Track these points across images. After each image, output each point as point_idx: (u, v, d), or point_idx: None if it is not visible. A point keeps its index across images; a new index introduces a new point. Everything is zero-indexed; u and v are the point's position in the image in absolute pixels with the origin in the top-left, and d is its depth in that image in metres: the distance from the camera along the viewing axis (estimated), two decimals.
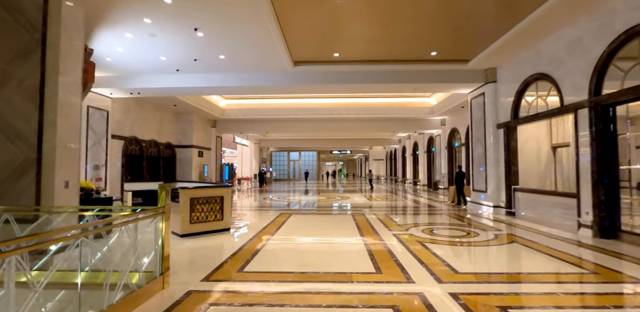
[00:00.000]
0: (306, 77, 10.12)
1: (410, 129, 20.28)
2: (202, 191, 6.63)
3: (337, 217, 9.12)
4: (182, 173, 16.86)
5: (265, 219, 8.62)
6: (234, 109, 18.80)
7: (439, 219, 8.86)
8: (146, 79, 10.49)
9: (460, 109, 15.95)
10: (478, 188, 10.56)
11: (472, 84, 10.35)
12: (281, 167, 41.70)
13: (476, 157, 10.72)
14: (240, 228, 7.38)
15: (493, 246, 5.66)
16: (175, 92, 11.40)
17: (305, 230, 7.18)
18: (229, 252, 5.32)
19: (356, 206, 11.70)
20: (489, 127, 9.98)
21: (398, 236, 6.31)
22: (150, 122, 14.64)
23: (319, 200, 14.20)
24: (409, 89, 10.85)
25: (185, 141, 16.96)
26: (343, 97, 18.29)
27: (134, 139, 13.49)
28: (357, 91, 11.55)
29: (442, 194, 17.06)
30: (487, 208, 9.88)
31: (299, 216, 9.18)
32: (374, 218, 8.67)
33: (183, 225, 6.33)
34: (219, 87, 10.52)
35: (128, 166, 13.37)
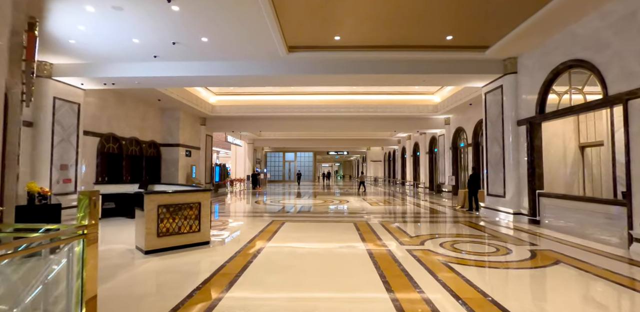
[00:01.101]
0: (302, 65, 8.94)
1: (412, 128, 19.18)
2: (174, 196, 5.40)
3: (337, 225, 7.93)
4: (167, 174, 15.58)
5: (254, 228, 7.40)
6: (224, 106, 17.57)
7: (455, 228, 7.70)
8: (120, 68, 9.24)
9: (467, 106, 14.86)
10: (494, 192, 9.44)
11: (488, 76, 9.23)
12: (276, 168, 40.46)
13: (492, 157, 9.60)
14: (222, 241, 6.16)
15: (536, 268, 4.50)
16: (154, 83, 10.15)
17: (299, 243, 5.98)
18: (203, 275, 4.12)
19: (357, 212, 10.52)
20: (507, 124, 8.87)
21: (413, 253, 5.14)
22: (131, 118, 13.36)
23: (315, 204, 13.00)
24: (418, 81, 9.70)
25: (172, 139, 15.70)
26: (341, 93, 17.15)
27: (111, 136, 12.21)
28: (359, 83, 10.39)
29: (446, 198, 15.95)
30: (505, 215, 8.75)
31: (293, 224, 7.98)
32: (380, 227, 7.50)
33: (148, 239, 5.11)
34: (202, 77, 9.29)
35: (104, 166, 12.09)
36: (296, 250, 5.45)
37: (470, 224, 8.13)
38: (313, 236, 6.58)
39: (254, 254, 5.11)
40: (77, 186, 10.25)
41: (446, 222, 8.72)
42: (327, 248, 5.55)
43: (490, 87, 9.62)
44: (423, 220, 9.04)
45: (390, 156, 33.71)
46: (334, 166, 67.81)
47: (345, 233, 6.86)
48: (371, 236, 6.52)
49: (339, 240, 6.19)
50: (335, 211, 10.89)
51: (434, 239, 6.27)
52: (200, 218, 5.64)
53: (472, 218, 9.17)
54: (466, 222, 8.53)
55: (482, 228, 7.58)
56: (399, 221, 8.72)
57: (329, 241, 6.16)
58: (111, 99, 12.18)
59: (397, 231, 7.08)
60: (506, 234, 6.83)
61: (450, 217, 9.39)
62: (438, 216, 9.83)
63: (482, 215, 9.69)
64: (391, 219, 9.05)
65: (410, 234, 6.68)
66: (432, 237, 6.46)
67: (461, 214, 9.92)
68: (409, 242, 5.92)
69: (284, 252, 5.29)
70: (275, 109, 17.35)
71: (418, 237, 6.44)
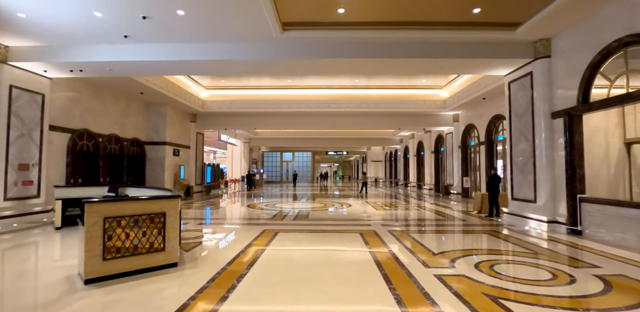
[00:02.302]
0: (299, 47, 7.63)
1: (417, 125, 17.90)
2: (128, 205, 4.09)
3: (340, 237, 6.63)
4: (152, 175, 14.26)
5: (239, 241, 6.09)
6: (216, 101, 16.26)
7: (482, 240, 6.41)
8: (87, 51, 7.92)
9: (479, 102, 13.61)
10: (521, 197, 8.16)
11: (515, 62, 7.95)
12: (273, 169, 39.11)
13: (518, 156, 8.32)
14: (195, 261, 4.85)
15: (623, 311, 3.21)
16: (128, 70, 8.81)
17: (295, 264, 4.68)
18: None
19: (361, 218, 9.22)
20: (539, 118, 7.59)
21: (446, 282, 3.84)
22: (110, 113, 12.03)
23: (314, 208, 11.70)
24: (432, 67, 8.41)
25: (157, 137, 14.37)
26: (342, 87, 15.86)
27: (86, 132, 10.88)
28: (365, 70, 9.04)
29: (454, 200, 14.69)
30: (537, 224, 7.47)
31: (288, 236, 6.67)
32: (392, 238, 6.20)
33: (90, 263, 3.79)
34: (182, 62, 7.97)
35: (77, 166, 10.76)
36: (288, 275, 4.15)
37: (497, 235, 6.84)
38: (311, 254, 5.28)
39: (233, 284, 3.81)
40: (40, 188, 8.92)
41: (468, 231, 7.43)
42: (331, 274, 4.26)
43: (517, 75, 8.34)
44: (440, 229, 7.75)
45: (391, 156, 32.45)
46: (333, 166, 66.53)
47: (352, 248, 5.56)
48: (384, 252, 5.22)
49: (345, 261, 4.89)
50: (337, 216, 9.59)
51: (464, 257, 4.98)
52: (166, 233, 4.33)
53: (496, 226, 7.89)
54: (491, 231, 7.24)
55: (516, 240, 6.29)
56: (412, 230, 7.42)
57: (332, 261, 4.86)
58: (86, 91, 10.85)
59: (415, 244, 5.78)
60: (550, 250, 5.54)
61: (470, 225, 8.11)
62: (455, 223, 8.54)
63: (506, 222, 8.40)
64: (403, 227, 7.75)
65: (432, 250, 5.38)
66: (461, 254, 5.17)
67: (481, 221, 8.63)
68: (436, 263, 4.62)
69: (275, 279, 3.99)
70: (271, 104, 16.05)
71: (443, 254, 5.14)
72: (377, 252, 5.22)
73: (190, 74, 9.67)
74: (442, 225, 8.31)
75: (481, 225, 8.14)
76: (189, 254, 5.15)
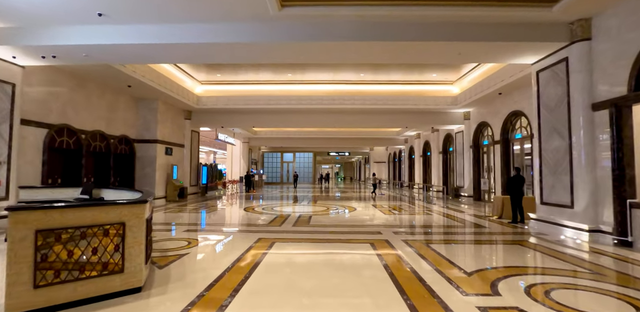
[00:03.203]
0: (299, 28, 6.62)
1: (426, 123, 16.87)
2: (71, 213, 3.08)
3: (348, 249, 5.62)
4: (142, 175, 13.27)
5: (227, 254, 5.09)
6: (212, 97, 15.28)
7: (518, 254, 5.38)
8: (58, 33, 6.94)
9: (494, 97, 12.61)
10: (554, 201, 7.13)
11: (547, 46, 6.93)
12: (274, 170, 38.11)
13: (549, 155, 7.30)
14: (167, 283, 3.83)
15: None
16: (107, 56, 7.80)
17: (293, 288, 3.68)
18: None
19: (370, 225, 8.21)
20: (576, 110, 6.58)
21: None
22: (95, 107, 11.06)
23: (316, 212, 10.69)
24: (451, 54, 7.41)
25: (148, 135, 13.38)
26: (346, 82, 14.88)
27: (66, 128, 9.89)
28: (374, 56, 7.90)
29: (466, 204, 13.69)
30: (574, 233, 6.45)
31: (286, 246, 5.67)
32: (409, 250, 5.19)
33: (14, 292, 2.79)
34: (165, 46, 6.96)
35: (56, 165, 9.78)
36: (284, 303, 3.15)
37: (531, 246, 5.82)
38: (314, 275, 4.27)
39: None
40: (9, 189, 7.95)
41: (496, 242, 6.41)
42: (339, 302, 3.25)
43: (547, 63, 7.34)
44: (462, 238, 6.74)
45: (395, 157, 31.46)
46: (335, 167, 65.56)
47: (363, 264, 4.55)
48: (405, 271, 4.21)
49: (355, 283, 3.88)
50: (341, 222, 8.57)
51: (506, 278, 3.96)
52: (125, 248, 3.33)
53: (524, 235, 6.87)
54: (522, 242, 6.22)
55: (556, 254, 5.27)
56: (430, 239, 6.41)
57: (340, 283, 3.85)
58: (67, 83, 9.87)
59: (439, 259, 4.76)
60: (606, 268, 4.52)
61: (495, 234, 7.09)
62: (477, 230, 7.52)
63: (534, 230, 7.38)
64: (419, 236, 6.74)
65: (464, 268, 4.36)
66: (501, 273, 4.15)
67: (505, 228, 7.61)
68: (474, 288, 3.61)
69: (267, 306, 2.99)
70: (270, 100, 15.06)
71: (479, 274, 4.12)
72: (395, 271, 4.20)
73: (177, 61, 8.69)
74: (463, 233, 7.29)
75: (507, 233, 7.11)
76: (163, 272, 4.14)
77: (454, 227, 7.93)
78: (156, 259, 4.75)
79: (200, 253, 5.18)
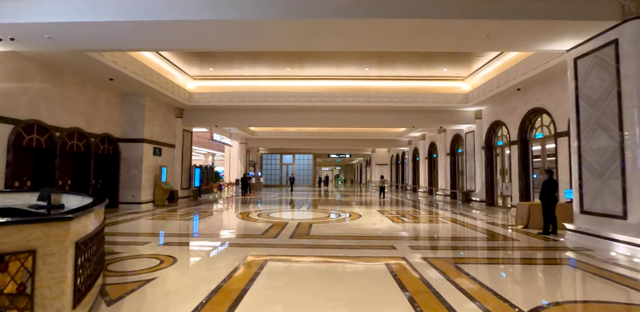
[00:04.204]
0: (296, 2, 5.56)
1: (434, 123, 15.80)
2: None
3: (358, 273, 4.52)
4: (127, 177, 12.17)
5: (206, 280, 3.98)
6: (205, 93, 14.22)
7: (574, 280, 4.28)
8: (13, 8, 5.86)
9: (512, 93, 11.56)
10: (599, 210, 6.04)
11: (591, 25, 5.86)
12: (272, 172, 37.00)
13: (592, 156, 6.21)
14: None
15: None
16: (73, 39, 6.66)
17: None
18: None
19: (380, 236, 7.09)
20: (629, 101, 5.50)
21: None
22: (72, 102, 9.97)
23: (316, 220, 9.58)
24: (477, 36, 6.33)
25: (134, 133, 12.29)
26: (349, 78, 13.84)
27: (36, 124, 8.79)
28: (386, 40, 6.88)
29: (478, 209, 12.62)
30: (627, 248, 5.34)
31: (281, 268, 4.57)
32: (441, 279, 4.09)
33: None
34: (140, 25, 5.89)
35: (24, 166, 8.69)
36: None
37: (584, 267, 4.71)
38: (317, 309, 3.16)
39: None
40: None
41: (537, 260, 5.30)
42: None
43: (589, 47, 6.27)
44: (495, 256, 5.63)
45: (398, 159, 30.38)
46: (335, 169, 64.47)
47: (381, 300, 3.45)
48: (439, 309, 3.11)
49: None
50: (346, 233, 7.47)
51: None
52: (36, 288, 2.23)
53: (566, 251, 5.77)
54: (569, 261, 5.12)
55: (624, 280, 4.16)
56: (457, 257, 5.30)
57: None
58: (38, 74, 8.78)
59: (480, 289, 3.65)
60: None
61: (532, 250, 5.97)
62: (506, 245, 6.41)
63: (573, 244, 6.27)
64: (442, 252, 5.64)
65: (517, 304, 3.25)
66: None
67: (539, 242, 6.49)
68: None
69: None
70: (268, 97, 13.99)
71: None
72: (427, 310, 3.10)
73: (157, 47, 7.62)
74: (492, 248, 6.18)
75: (544, 248, 6.01)
76: (111, 311, 3.04)
77: (478, 240, 6.82)
78: (110, 287, 3.65)
79: (171, 279, 4.07)
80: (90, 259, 3.03)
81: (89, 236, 2.81)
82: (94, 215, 3.59)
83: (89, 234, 2.83)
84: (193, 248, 5.92)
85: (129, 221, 9.07)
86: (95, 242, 3.08)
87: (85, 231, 2.74)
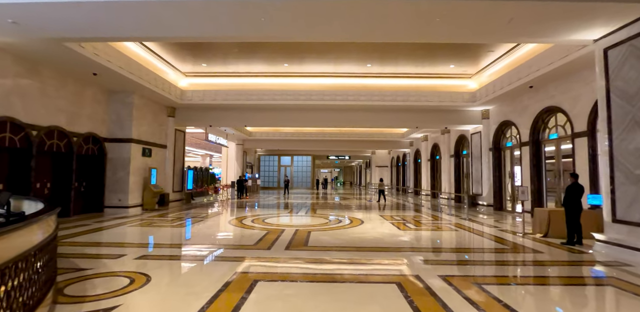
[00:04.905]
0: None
1: (439, 123, 15.06)
2: None
3: (365, 297, 3.79)
4: (114, 180, 11.39)
5: (180, 310, 3.24)
6: (198, 91, 13.49)
7: (628, 309, 3.57)
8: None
9: (524, 92, 10.89)
10: (635, 218, 5.32)
11: (628, 9, 5.16)
12: (270, 174, 36.22)
13: (628, 157, 5.49)
14: None
15: None
16: (42, 24, 5.92)
17: None
18: None
19: (387, 247, 6.35)
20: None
21: None
22: (51, 98, 9.22)
23: (315, 227, 8.85)
24: (500, 17, 5.61)
25: (121, 133, 11.54)
26: (350, 75, 13.13)
27: (9, 121, 8.03)
28: (391, 25, 6.25)
29: (485, 214, 11.93)
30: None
31: (272, 291, 3.83)
32: (464, 306, 3.36)
33: None
34: (110, 4, 5.16)
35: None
36: None
37: (634, 289, 3.99)
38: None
39: None
40: None
41: (572, 279, 4.57)
42: None
43: (625, 35, 5.57)
44: (526, 273, 4.90)
45: (399, 161, 29.66)
46: (334, 171, 63.72)
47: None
48: None
49: None
50: (349, 243, 6.72)
51: None
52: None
53: (601, 265, 5.04)
54: (611, 280, 4.39)
55: None
56: (477, 274, 4.56)
57: None
58: (12, 67, 8.03)
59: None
60: None
61: (562, 265, 5.25)
62: (534, 259, 5.68)
63: (605, 256, 5.54)
64: (462, 269, 4.91)
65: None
66: None
67: (567, 255, 5.77)
68: None
69: None
70: (264, 95, 13.27)
71: None
72: None
73: (134, 35, 6.83)
74: (517, 263, 5.45)
75: (575, 263, 5.29)
76: None
77: (498, 253, 6.08)
78: None
79: (136, 307, 3.32)
80: (24, 285, 2.31)
81: (21, 256, 2.07)
82: (36, 227, 2.87)
83: (22, 254, 2.10)
84: (173, 263, 5.16)
85: (111, 227, 8.30)
86: (34, 263, 2.35)
87: (17, 250, 2.00)
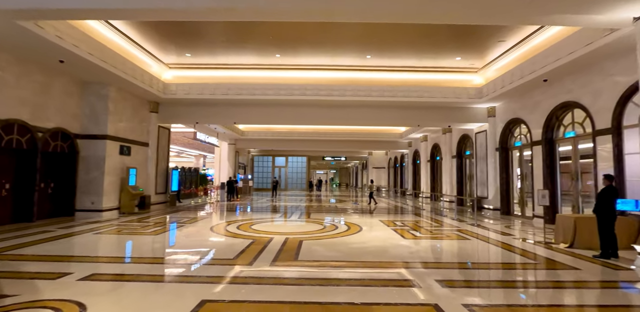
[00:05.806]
0: None
1: (441, 121, 14.12)
2: None
3: None
4: (87, 180, 10.30)
5: None
6: (182, 84, 12.44)
7: None
8: None
9: (537, 86, 9.99)
10: None
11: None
12: (264, 175, 35.10)
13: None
14: None
15: None
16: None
17: None
18: None
19: (391, 262, 5.37)
20: None
21: None
22: (10, 88, 8.13)
23: (308, 235, 7.83)
24: None
25: (96, 129, 10.45)
26: (348, 68, 12.17)
27: None
28: (401, 5, 5.33)
29: (493, 218, 11.04)
30: None
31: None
32: None
33: None
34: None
35: None
36: None
37: None
38: None
39: None
40: None
41: (626, 309, 3.63)
42: None
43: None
44: (570, 301, 3.94)
45: (396, 162, 28.73)
46: (329, 173, 62.74)
47: None
48: None
49: None
50: (346, 255, 5.73)
51: None
52: None
53: None
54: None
55: None
56: (517, 304, 3.60)
57: None
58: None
59: None
60: None
61: (609, 288, 4.30)
62: (571, 279, 4.71)
63: None
64: (486, 294, 3.94)
65: None
66: None
67: (608, 272, 4.82)
68: None
69: None
70: (255, 90, 12.26)
71: None
72: None
73: (91, 6, 5.75)
74: (554, 284, 4.48)
75: (624, 283, 4.34)
76: None
77: (529, 270, 5.12)
78: None
79: None
80: None
81: None
82: None
83: None
84: (126, 285, 4.10)
85: (74, 235, 7.22)
86: None
87: None
